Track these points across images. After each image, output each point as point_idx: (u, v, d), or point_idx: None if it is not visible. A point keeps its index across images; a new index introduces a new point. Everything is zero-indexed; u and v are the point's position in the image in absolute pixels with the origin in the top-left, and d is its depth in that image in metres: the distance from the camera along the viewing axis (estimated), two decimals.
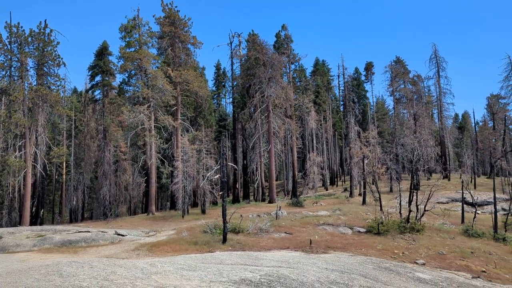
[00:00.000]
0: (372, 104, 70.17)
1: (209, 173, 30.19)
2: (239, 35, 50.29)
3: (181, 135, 39.70)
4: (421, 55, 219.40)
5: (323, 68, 69.11)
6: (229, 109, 71.16)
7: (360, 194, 39.91)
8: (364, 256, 16.66)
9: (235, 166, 48.69)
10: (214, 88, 71.18)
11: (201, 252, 16.73)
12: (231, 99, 58.93)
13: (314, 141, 55.97)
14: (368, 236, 23.04)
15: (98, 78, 42.57)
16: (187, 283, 5.16)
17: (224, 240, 19.31)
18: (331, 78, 71.39)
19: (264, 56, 41.61)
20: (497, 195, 30.70)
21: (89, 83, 45.12)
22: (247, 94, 45.54)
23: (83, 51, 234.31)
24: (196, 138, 38.63)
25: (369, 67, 69.36)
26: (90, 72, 43.08)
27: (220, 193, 26.49)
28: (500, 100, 65.45)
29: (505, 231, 27.13)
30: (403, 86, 57.89)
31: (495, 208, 27.68)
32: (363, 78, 70.88)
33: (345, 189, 48.90)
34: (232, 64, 50.27)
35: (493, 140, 63.48)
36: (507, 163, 48.49)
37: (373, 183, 36.50)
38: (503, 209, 33.37)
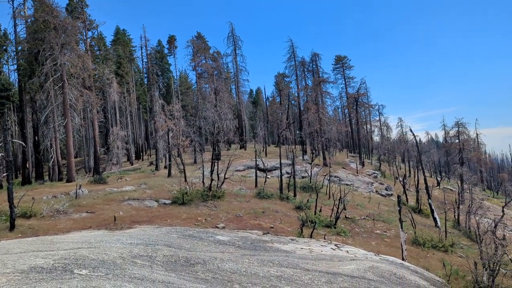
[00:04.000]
0: (176, 77, 70.93)
1: None
2: None
3: None
4: (220, 32, 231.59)
5: (124, 37, 65.86)
6: (14, 77, 61.15)
7: (166, 167, 40.42)
8: (169, 226, 17.10)
9: (23, 143, 42.67)
10: None
11: None
12: (15, 66, 50.77)
13: (118, 115, 53.56)
14: (174, 207, 23.70)
15: None
16: None
17: (12, 227, 16.94)
18: (134, 49, 68.78)
19: (55, 19, 36.95)
20: (282, 161, 35.55)
21: None
22: (35, 61, 39.90)
23: None
24: None
25: (172, 40, 69.49)
26: None
27: (4, 174, 22.91)
28: (285, 79, 75.06)
29: (288, 191, 31.80)
30: (204, 61, 60.31)
31: (280, 172, 32.03)
32: (166, 51, 70.70)
33: (151, 163, 48.79)
34: (15, 25, 42.99)
35: (280, 113, 72.79)
36: (290, 133, 56.41)
37: (178, 156, 37.42)
38: (287, 173, 38.89)
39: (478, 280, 16.53)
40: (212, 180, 27.38)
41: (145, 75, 71.24)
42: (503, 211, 30.34)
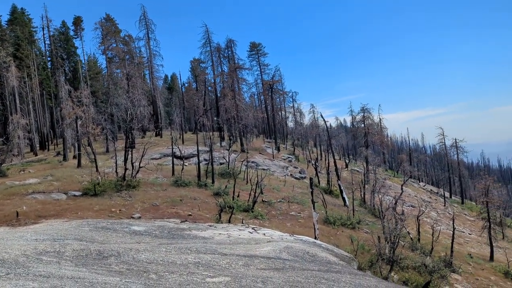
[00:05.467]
0: (83, 62, 66.32)
1: None
2: None
3: None
4: (131, 15, 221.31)
5: (23, 17, 59.76)
6: None
7: (75, 157, 38.05)
8: (80, 219, 16.20)
9: None
10: None
11: None
12: None
13: (18, 101, 48.83)
14: (85, 199, 22.48)
15: None
16: None
17: None
18: (34, 30, 62.69)
19: None
20: (200, 148, 35.34)
21: None
22: None
23: None
24: None
25: (78, 22, 64.61)
26: None
27: None
28: (200, 64, 74.20)
29: (206, 178, 31.79)
30: (115, 45, 57.23)
31: (198, 159, 31.87)
32: (72, 33, 65.60)
33: (58, 153, 45.49)
34: None
35: (197, 99, 72.01)
36: (207, 120, 56.15)
37: (88, 145, 35.39)
38: (205, 160, 38.77)
39: (381, 252, 18.11)
40: (126, 169, 26.38)
41: (49, 59, 65.49)
42: (402, 189, 33.42)
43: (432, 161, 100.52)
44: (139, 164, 27.22)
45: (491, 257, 27.33)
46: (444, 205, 51.02)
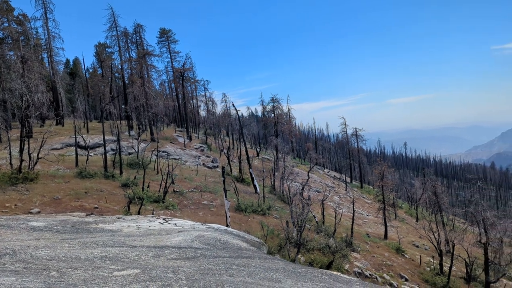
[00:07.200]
0: None
1: None
2: None
3: None
4: None
5: None
6: None
7: None
8: None
9: None
10: None
11: None
12: None
13: None
14: None
15: None
16: None
17: None
18: None
19: None
20: (107, 137, 33.66)
21: None
22: None
23: None
24: None
25: None
26: None
27: None
28: (106, 49, 70.16)
29: (114, 168, 30.42)
30: (7, 24, 51.63)
31: (105, 149, 30.33)
32: None
33: None
34: None
35: (103, 86, 68.04)
36: (114, 108, 53.50)
37: None
38: (112, 150, 37.02)
39: (289, 236, 19.01)
40: (22, 160, 24.19)
41: None
42: (308, 175, 35.24)
43: (335, 149, 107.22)
44: (38, 155, 25.12)
45: (385, 236, 30.19)
46: (346, 190, 54.95)
